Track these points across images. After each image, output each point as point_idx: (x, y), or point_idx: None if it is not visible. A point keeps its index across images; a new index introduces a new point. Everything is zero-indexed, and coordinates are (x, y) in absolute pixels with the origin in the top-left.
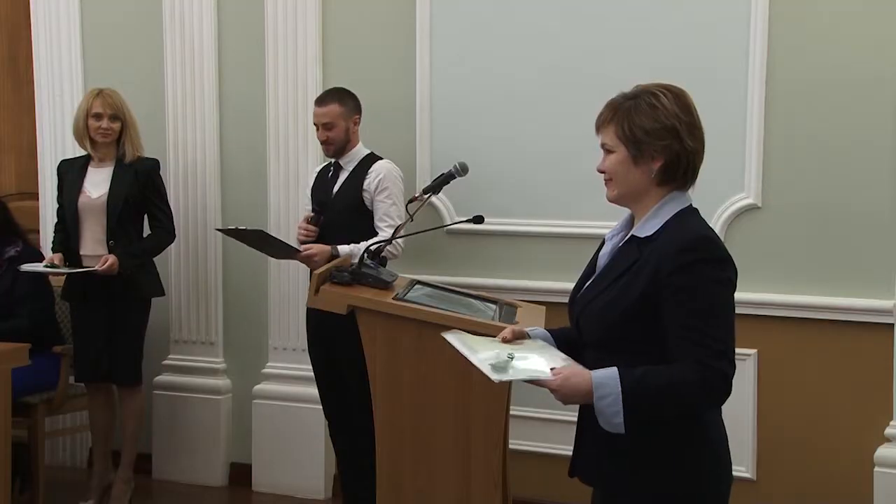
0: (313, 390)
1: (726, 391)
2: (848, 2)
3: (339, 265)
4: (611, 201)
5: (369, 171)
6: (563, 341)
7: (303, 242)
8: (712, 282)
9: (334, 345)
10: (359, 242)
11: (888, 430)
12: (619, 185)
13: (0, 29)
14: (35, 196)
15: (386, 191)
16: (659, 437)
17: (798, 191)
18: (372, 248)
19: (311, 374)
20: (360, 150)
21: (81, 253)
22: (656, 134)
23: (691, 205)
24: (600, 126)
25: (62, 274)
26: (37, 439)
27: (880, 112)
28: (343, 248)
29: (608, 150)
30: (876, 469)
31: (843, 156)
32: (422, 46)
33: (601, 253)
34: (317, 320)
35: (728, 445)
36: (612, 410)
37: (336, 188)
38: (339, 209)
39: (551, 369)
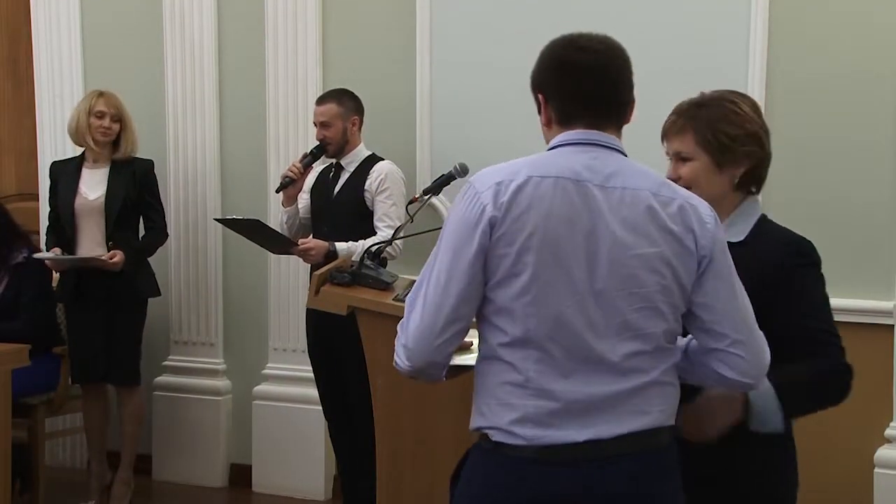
0: (313, 391)
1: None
2: (848, 2)
3: (339, 266)
4: None
5: (371, 171)
6: None
7: (289, 178)
8: (821, 283)
9: (334, 346)
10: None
11: (888, 431)
12: (700, 193)
13: (0, 29)
14: (35, 197)
15: (387, 191)
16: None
17: (798, 191)
18: (372, 248)
19: (312, 375)
20: (361, 151)
21: (78, 255)
22: (741, 140)
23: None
24: (673, 134)
25: (72, 262)
26: (37, 440)
27: (881, 112)
28: (340, 246)
29: (684, 158)
30: (876, 470)
31: (843, 156)
32: (422, 46)
33: None
34: (317, 321)
35: None
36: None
37: (337, 189)
38: (341, 210)
39: None
